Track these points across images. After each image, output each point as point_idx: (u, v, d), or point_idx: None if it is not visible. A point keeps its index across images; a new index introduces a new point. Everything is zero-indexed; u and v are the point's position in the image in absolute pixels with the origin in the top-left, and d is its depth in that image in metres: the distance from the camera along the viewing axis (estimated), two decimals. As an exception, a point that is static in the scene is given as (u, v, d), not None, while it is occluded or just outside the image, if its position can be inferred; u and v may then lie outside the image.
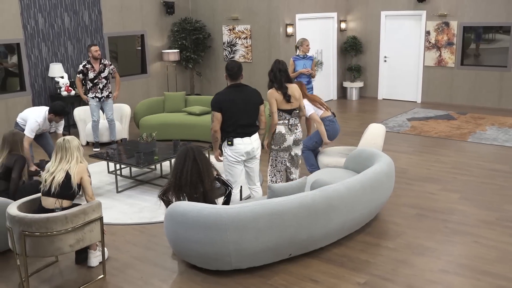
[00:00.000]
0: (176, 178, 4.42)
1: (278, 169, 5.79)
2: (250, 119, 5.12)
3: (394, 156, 7.49)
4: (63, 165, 4.30)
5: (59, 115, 6.39)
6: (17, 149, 5.22)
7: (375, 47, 12.45)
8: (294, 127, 5.70)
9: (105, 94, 8.29)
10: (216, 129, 5.05)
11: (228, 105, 4.96)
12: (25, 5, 9.13)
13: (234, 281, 4.30)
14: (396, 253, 4.73)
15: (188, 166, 4.40)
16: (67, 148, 4.31)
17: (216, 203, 4.58)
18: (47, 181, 4.28)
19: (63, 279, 4.45)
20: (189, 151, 4.46)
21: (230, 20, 11.56)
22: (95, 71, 8.17)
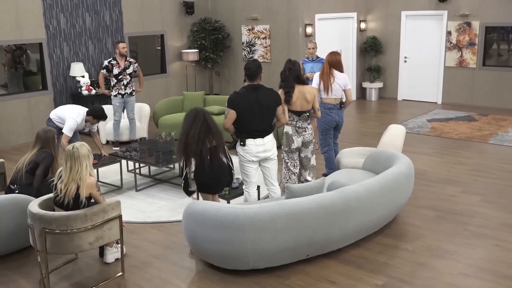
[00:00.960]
0: (183, 136, 4.52)
1: (292, 171, 5.77)
2: (264, 123, 5.06)
3: (413, 158, 7.41)
4: (74, 175, 4.17)
5: (98, 119, 6.51)
6: (49, 146, 5.26)
7: (395, 48, 12.35)
8: (301, 130, 5.64)
9: (128, 91, 8.38)
10: (227, 127, 5.03)
11: (243, 107, 4.94)
12: (48, 5, 9.26)
13: (251, 281, 4.30)
14: (415, 255, 4.69)
15: (197, 126, 4.52)
16: (76, 157, 4.16)
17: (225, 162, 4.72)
18: (62, 191, 4.19)
19: (83, 276, 4.50)
20: (199, 112, 4.59)
21: (249, 20, 11.58)
22: (120, 67, 8.27)
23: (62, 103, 9.61)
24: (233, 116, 4.96)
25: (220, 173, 4.73)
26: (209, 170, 4.64)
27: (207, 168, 4.62)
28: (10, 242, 4.75)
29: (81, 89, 9.67)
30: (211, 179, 4.70)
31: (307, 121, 5.69)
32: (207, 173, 4.65)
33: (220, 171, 4.72)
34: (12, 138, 9.04)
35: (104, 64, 8.40)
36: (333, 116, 6.52)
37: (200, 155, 4.56)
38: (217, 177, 4.72)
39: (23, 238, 4.71)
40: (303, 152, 5.74)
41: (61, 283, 4.38)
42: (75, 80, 9.76)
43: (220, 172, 4.73)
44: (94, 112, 6.47)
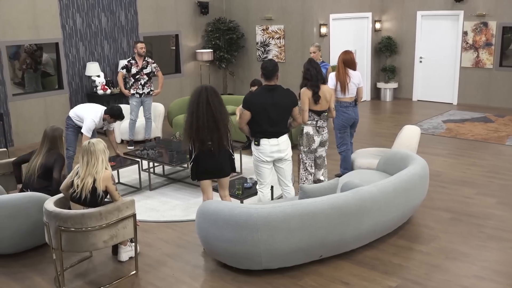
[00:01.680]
0: (193, 117, 4.55)
1: (309, 171, 5.77)
2: (279, 123, 5.04)
3: (428, 159, 7.33)
4: (90, 169, 4.25)
5: (115, 118, 6.54)
6: (56, 146, 5.26)
7: (410, 48, 12.26)
8: (321, 129, 5.68)
9: (146, 90, 8.44)
10: (242, 127, 5.04)
11: (257, 108, 4.93)
12: (64, 5, 9.35)
13: (264, 281, 4.30)
14: (429, 257, 4.65)
15: (202, 111, 4.53)
16: (92, 152, 4.25)
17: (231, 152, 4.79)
18: (79, 187, 4.26)
19: (97, 274, 4.54)
20: (201, 96, 4.58)
21: (263, 20, 11.58)
22: (138, 67, 8.34)
23: (78, 103, 9.69)
24: (247, 117, 4.95)
25: (222, 160, 4.76)
26: (213, 157, 4.68)
27: (211, 155, 4.67)
28: (26, 240, 4.81)
29: (97, 89, 9.75)
30: (214, 166, 4.74)
31: (326, 120, 5.73)
32: (211, 160, 4.69)
33: (223, 157, 4.76)
34: (28, 137, 9.14)
35: (123, 63, 8.49)
36: (350, 113, 6.52)
37: (208, 146, 4.61)
38: (220, 163, 4.75)
39: (39, 236, 4.77)
40: (318, 152, 5.74)
41: (75, 280, 4.42)
42: (91, 79, 9.85)
43: (223, 158, 4.76)
44: (112, 112, 6.52)
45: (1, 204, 4.60)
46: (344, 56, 6.53)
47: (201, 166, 4.74)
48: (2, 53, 8.65)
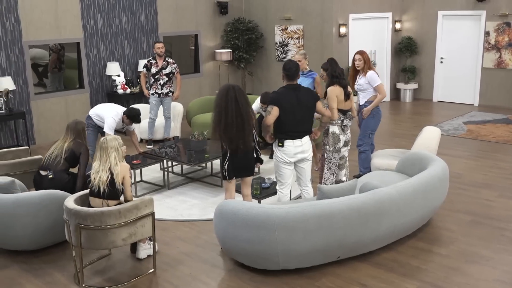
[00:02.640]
0: (222, 115, 4.62)
1: (332, 171, 5.76)
2: (304, 123, 5.05)
3: (448, 160, 7.25)
4: (103, 164, 4.37)
5: (131, 120, 6.65)
6: (81, 137, 5.45)
7: (431, 48, 12.13)
8: (346, 128, 5.69)
9: (165, 91, 8.49)
10: (270, 123, 4.95)
11: (285, 105, 4.92)
12: (85, 5, 9.46)
13: (281, 281, 4.30)
14: (449, 260, 4.60)
15: (231, 111, 4.60)
16: (105, 148, 4.37)
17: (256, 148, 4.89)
18: (96, 180, 4.36)
19: (116, 271, 4.58)
20: (229, 97, 4.64)
21: (283, 20, 11.56)
22: (158, 67, 8.40)
23: (98, 102, 9.80)
24: (277, 113, 4.90)
25: (249, 158, 4.87)
26: (241, 155, 4.79)
27: (240, 154, 4.77)
28: (47, 237, 4.88)
29: (117, 88, 9.85)
30: (242, 165, 4.85)
31: (351, 120, 5.75)
32: (239, 159, 4.79)
33: (250, 156, 4.86)
34: (49, 135, 9.27)
35: (144, 63, 8.57)
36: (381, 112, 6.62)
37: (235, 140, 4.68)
38: (247, 161, 4.87)
39: (59, 233, 4.83)
40: (342, 151, 5.74)
41: (94, 278, 4.47)
42: (111, 79, 9.95)
43: (250, 157, 4.87)
44: (130, 113, 6.61)
45: (22, 201, 4.67)
46: (366, 55, 6.50)
47: (230, 165, 4.81)
48: (25, 52, 8.79)
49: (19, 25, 8.67)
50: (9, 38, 8.58)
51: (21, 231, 4.70)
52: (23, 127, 8.77)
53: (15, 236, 4.74)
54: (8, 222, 4.67)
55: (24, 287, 4.36)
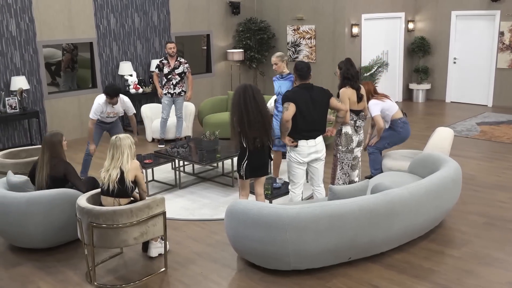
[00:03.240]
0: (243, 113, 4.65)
1: (344, 171, 5.75)
2: (318, 122, 5.06)
3: (461, 162, 7.20)
4: (115, 162, 4.38)
5: (108, 95, 6.42)
6: (56, 152, 4.97)
7: (444, 48, 12.03)
8: (359, 129, 5.68)
9: (177, 91, 8.52)
10: (288, 119, 4.89)
11: (300, 102, 4.92)
12: (99, 5, 9.53)
13: (292, 282, 4.29)
14: (462, 262, 4.56)
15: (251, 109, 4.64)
16: (118, 146, 4.38)
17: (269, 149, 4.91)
18: (105, 179, 4.38)
19: (127, 270, 4.61)
20: (246, 95, 4.68)
21: (295, 20, 11.55)
22: (170, 67, 8.43)
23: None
24: (293, 108, 4.89)
25: (265, 157, 4.91)
26: (259, 154, 4.83)
27: (257, 152, 4.80)
28: (60, 235, 4.92)
29: (129, 88, 9.90)
30: (259, 164, 4.88)
31: (364, 120, 5.74)
32: (257, 158, 4.83)
33: (266, 154, 4.90)
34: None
35: (156, 63, 8.60)
36: (409, 127, 6.48)
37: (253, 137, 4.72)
38: (264, 160, 4.91)
39: (71, 231, 4.87)
40: (354, 152, 5.74)
41: (106, 276, 4.50)
42: (123, 78, 10.00)
43: (265, 155, 4.91)
44: (105, 90, 6.44)
45: (36, 200, 4.72)
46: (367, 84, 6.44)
47: (248, 164, 4.83)
48: (39, 52, 8.87)
49: (33, 25, 8.75)
50: (23, 38, 8.66)
51: (34, 229, 4.75)
52: (37, 126, 8.85)
53: (29, 234, 4.79)
54: (22, 220, 4.72)
55: (37, 284, 4.40)
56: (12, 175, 5.07)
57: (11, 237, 4.93)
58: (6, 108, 8.32)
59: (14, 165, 5.67)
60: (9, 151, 6.17)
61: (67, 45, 9.77)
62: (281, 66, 6.30)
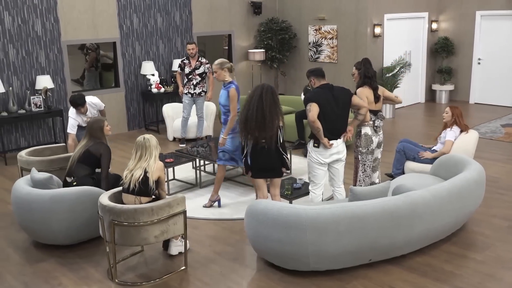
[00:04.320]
0: (244, 109, 4.75)
1: (366, 174, 5.70)
2: (340, 122, 5.06)
3: (485, 164, 7.08)
4: (142, 163, 4.42)
5: (79, 105, 6.41)
6: (98, 136, 5.26)
7: (468, 49, 11.86)
8: (378, 129, 5.63)
9: (197, 91, 8.57)
10: (314, 119, 4.87)
11: (323, 101, 4.92)
12: (122, 6, 9.63)
13: (311, 282, 4.28)
14: (484, 266, 4.49)
15: (253, 106, 4.70)
16: (147, 147, 4.42)
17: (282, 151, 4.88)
18: (127, 178, 4.44)
19: (148, 268, 4.65)
20: (254, 95, 4.76)
21: (316, 20, 11.51)
22: (191, 67, 8.49)
23: (133, 100, 9.98)
24: (316, 108, 4.88)
25: (274, 159, 4.87)
26: (265, 155, 4.81)
27: (260, 151, 4.80)
28: (82, 232, 4.99)
29: (151, 87, 9.98)
30: (266, 164, 4.87)
31: (382, 120, 5.71)
32: (263, 158, 4.82)
33: (275, 156, 4.86)
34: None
35: (178, 63, 8.67)
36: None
37: (255, 136, 4.74)
38: (272, 162, 4.87)
39: (94, 229, 4.93)
40: (375, 153, 5.69)
41: (127, 273, 4.55)
42: (146, 78, 10.09)
43: (274, 157, 4.86)
44: (72, 103, 6.42)
45: (59, 197, 4.79)
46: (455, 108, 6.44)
47: (255, 163, 4.86)
48: (63, 51, 9.01)
49: (58, 25, 8.89)
50: (48, 37, 8.81)
51: (57, 226, 4.83)
52: (61, 124, 8.99)
53: (52, 230, 4.87)
54: (45, 217, 4.80)
55: (60, 280, 4.47)
56: (36, 172, 5.16)
57: (35, 233, 5.02)
58: (31, 107, 8.47)
59: (38, 162, 5.77)
60: (33, 149, 6.29)
61: (91, 44, 9.90)
62: (221, 74, 5.80)
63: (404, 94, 11.57)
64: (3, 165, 8.01)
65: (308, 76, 5.17)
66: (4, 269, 4.64)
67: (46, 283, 4.43)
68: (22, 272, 4.61)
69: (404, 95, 11.58)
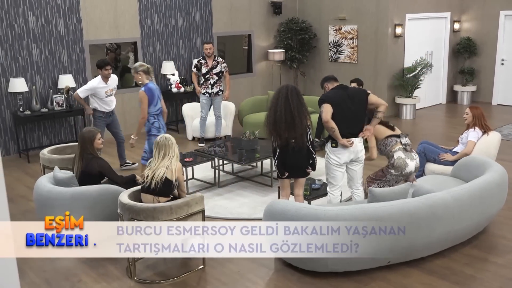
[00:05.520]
0: (271, 111, 4.76)
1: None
2: (356, 121, 5.02)
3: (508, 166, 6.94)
4: (165, 161, 4.43)
5: (106, 65, 7.10)
6: (85, 148, 5.13)
7: (491, 49, 11.68)
8: (408, 146, 5.25)
9: (215, 90, 8.60)
10: (328, 119, 4.85)
11: (337, 101, 4.90)
12: (143, 6, 9.72)
13: (329, 284, 4.27)
14: (506, 270, 4.42)
15: (281, 106, 4.69)
16: (170, 145, 4.45)
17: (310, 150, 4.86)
18: (148, 177, 4.44)
19: (166, 266, 4.68)
20: (282, 90, 4.78)
21: (337, 20, 11.45)
22: (208, 67, 8.53)
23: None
24: (329, 109, 4.86)
25: (302, 158, 4.85)
26: (293, 155, 4.79)
27: (290, 151, 4.78)
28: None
29: (171, 87, 10.05)
30: (294, 164, 4.85)
31: (406, 136, 5.36)
32: (291, 158, 4.81)
33: (303, 156, 4.84)
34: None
35: (194, 62, 8.70)
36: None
37: (285, 137, 4.73)
38: (299, 161, 4.85)
39: (113, 227, 4.98)
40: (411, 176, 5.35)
41: (146, 271, 4.59)
42: (166, 77, 10.16)
43: (303, 157, 4.85)
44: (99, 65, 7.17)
45: (80, 195, 4.86)
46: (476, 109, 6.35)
47: (285, 164, 4.86)
48: (85, 51, 9.12)
49: (80, 25, 9.01)
50: (71, 37, 8.93)
51: (78, 223, 4.88)
52: (82, 123, 9.10)
53: (72, 228, 4.93)
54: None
55: (79, 277, 4.53)
56: (58, 170, 5.24)
57: (56, 230, 5.09)
58: (54, 106, 8.60)
59: (60, 160, 5.86)
60: (55, 147, 6.39)
61: (111, 44, 10.00)
62: (137, 78, 6.11)
63: (425, 95, 11.45)
64: (25, 163, 8.15)
65: (322, 84, 5.24)
66: (26, 266, 4.72)
67: (66, 280, 4.49)
68: (43, 269, 4.68)
69: (425, 96, 11.47)
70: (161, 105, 6.27)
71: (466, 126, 6.32)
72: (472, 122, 6.22)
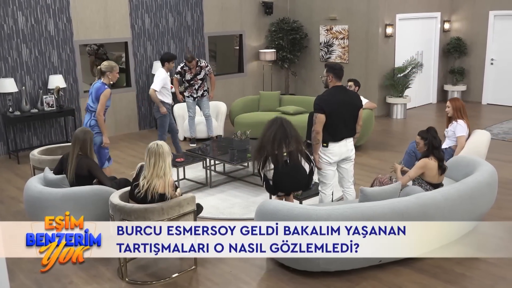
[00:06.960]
0: (259, 139, 4.84)
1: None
2: (351, 123, 5.06)
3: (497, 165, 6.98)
4: (157, 171, 4.25)
5: (168, 60, 7.61)
6: (85, 149, 5.08)
7: (481, 49, 11.76)
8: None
9: (200, 93, 8.59)
10: (319, 131, 4.94)
11: (332, 107, 4.92)
12: (134, 6, 9.68)
13: (321, 283, 4.27)
14: (496, 268, 4.45)
15: (273, 129, 4.76)
16: (161, 153, 4.26)
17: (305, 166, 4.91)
18: (144, 187, 4.26)
19: (157, 267, 4.67)
20: (277, 119, 4.84)
21: (327, 20, 11.48)
22: (192, 73, 8.50)
23: (144, 100, 10.02)
24: (323, 120, 4.90)
25: (296, 174, 4.86)
26: (284, 171, 4.79)
27: (282, 169, 4.79)
28: (93, 231, 5.01)
29: (162, 87, 10.00)
30: (285, 180, 4.85)
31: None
32: (282, 174, 4.81)
33: (297, 172, 4.86)
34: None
35: (177, 69, 8.61)
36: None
37: (275, 156, 4.74)
38: (292, 177, 4.85)
39: (104, 227, 4.95)
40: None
41: (137, 272, 4.57)
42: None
43: (296, 173, 4.86)
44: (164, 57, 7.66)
45: (71, 196, 4.83)
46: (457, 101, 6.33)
47: (281, 183, 4.90)
48: (75, 51, 9.07)
49: (71, 25, 8.96)
50: (61, 37, 8.88)
51: (68, 224, 4.85)
52: (73, 123, 9.06)
53: (63, 229, 4.90)
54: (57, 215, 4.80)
55: (71, 278, 4.50)
56: (49, 171, 5.21)
57: (47, 231, 5.06)
58: (44, 106, 8.54)
59: (51, 161, 5.82)
60: (46, 148, 6.35)
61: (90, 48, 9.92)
62: (114, 77, 6.20)
63: (415, 95, 11.51)
64: (15, 164, 8.09)
65: (327, 70, 5.02)
66: (16, 267, 4.69)
67: (57, 281, 4.47)
68: (34, 270, 4.65)
69: (415, 95, 11.53)
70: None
71: (448, 119, 6.34)
72: (454, 115, 6.24)
